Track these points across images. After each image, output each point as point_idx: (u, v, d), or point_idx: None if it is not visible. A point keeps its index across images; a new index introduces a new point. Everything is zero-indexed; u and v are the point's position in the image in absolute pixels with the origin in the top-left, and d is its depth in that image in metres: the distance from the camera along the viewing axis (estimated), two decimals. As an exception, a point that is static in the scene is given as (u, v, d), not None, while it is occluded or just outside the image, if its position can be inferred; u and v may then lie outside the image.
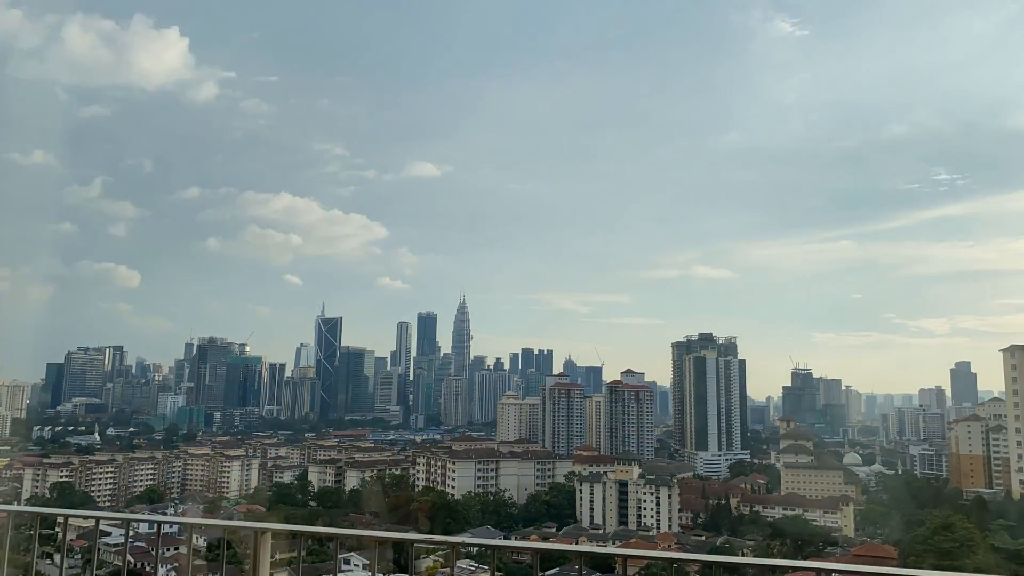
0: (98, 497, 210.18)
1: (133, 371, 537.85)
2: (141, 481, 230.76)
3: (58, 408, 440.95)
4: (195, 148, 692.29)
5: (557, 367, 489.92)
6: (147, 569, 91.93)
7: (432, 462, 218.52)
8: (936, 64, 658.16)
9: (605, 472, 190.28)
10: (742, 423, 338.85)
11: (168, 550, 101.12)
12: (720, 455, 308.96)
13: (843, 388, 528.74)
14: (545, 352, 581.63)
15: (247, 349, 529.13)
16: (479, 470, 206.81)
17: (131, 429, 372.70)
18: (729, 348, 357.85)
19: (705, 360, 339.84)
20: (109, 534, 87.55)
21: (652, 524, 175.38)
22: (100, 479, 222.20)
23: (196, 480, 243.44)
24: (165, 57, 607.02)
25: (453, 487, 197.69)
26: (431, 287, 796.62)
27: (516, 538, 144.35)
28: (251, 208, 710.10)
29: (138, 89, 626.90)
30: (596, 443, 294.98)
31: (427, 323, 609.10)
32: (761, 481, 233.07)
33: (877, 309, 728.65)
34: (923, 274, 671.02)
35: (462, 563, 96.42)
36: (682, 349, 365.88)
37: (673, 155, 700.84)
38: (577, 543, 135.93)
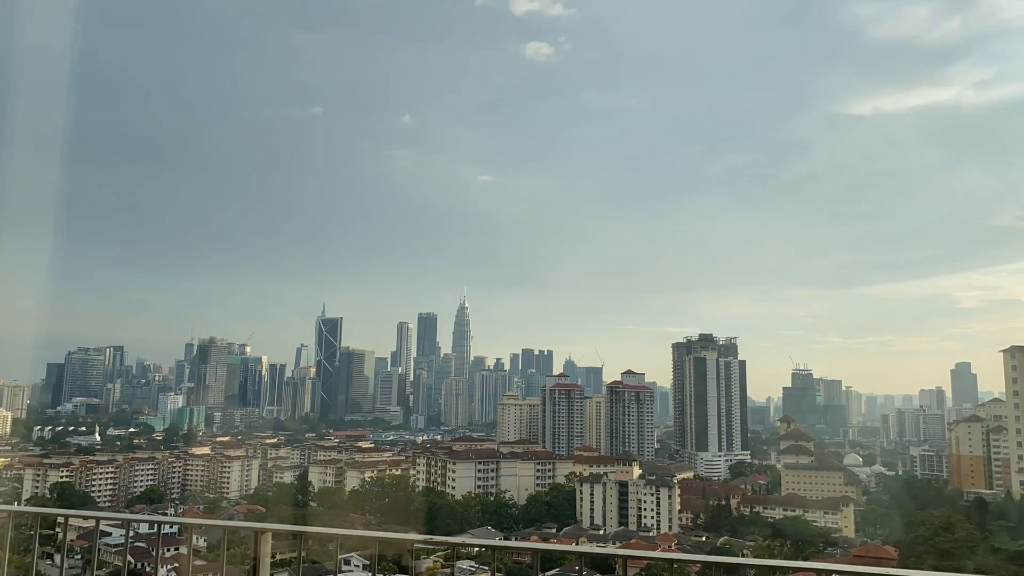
0: (98, 497, 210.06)
1: (133, 371, 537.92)
2: (141, 481, 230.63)
3: (58, 408, 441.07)
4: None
5: (557, 368, 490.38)
6: (147, 569, 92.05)
7: (432, 463, 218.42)
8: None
9: (605, 473, 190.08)
10: (742, 424, 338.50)
11: (168, 550, 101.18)
12: (720, 456, 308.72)
13: (843, 389, 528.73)
14: (545, 353, 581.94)
15: (247, 349, 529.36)
16: (479, 471, 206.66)
17: (131, 429, 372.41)
18: (729, 349, 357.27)
19: (705, 361, 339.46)
20: (109, 534, 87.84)
21: (652, 525, 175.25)
22: (100, 479, 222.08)
23: (196, 480, 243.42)
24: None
25: (453, 487, 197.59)
26: (431, 288, 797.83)
27: (516, 539, 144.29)
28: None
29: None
30: (596, 443, 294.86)
31: (427, 323, 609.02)
32: (761, 482, 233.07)
33: (878, 311, 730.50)
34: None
35: (462, 563, 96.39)
36: (682, 350, 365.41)
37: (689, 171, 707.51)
38: (577, 544, 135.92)
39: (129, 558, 67.60)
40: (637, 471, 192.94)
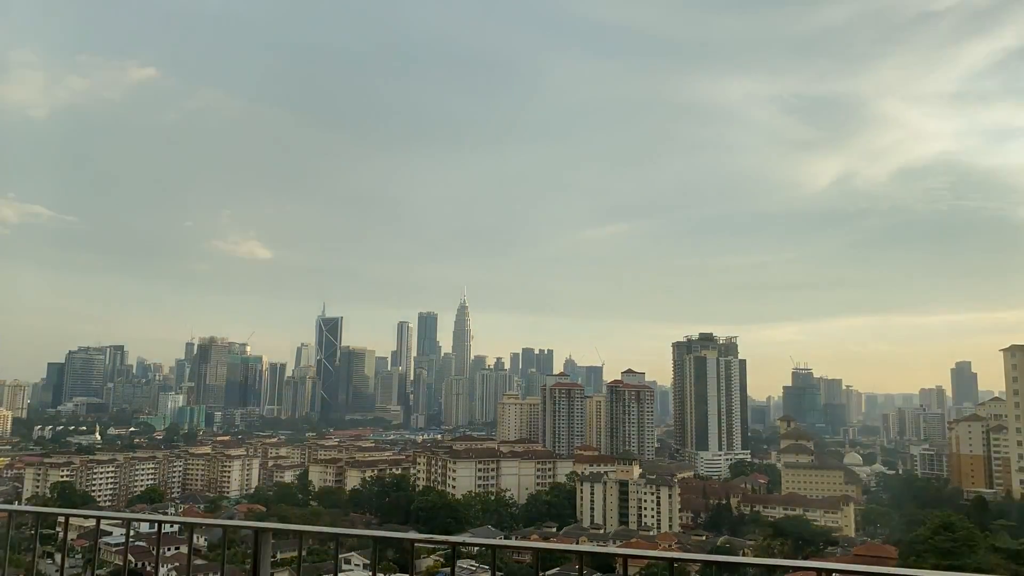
0: (99, 497, 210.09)
1: (134, 371, 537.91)
2: (142, 481, 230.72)
3: (59, 408, 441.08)
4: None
5: (557, 367, 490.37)
6: (147, 569, 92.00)
7: (433, 462, 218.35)
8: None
9: (606, 472, 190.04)
10: (743, 423, 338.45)
11: (168, 550, 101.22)
12: (721, 455, 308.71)
13: (844, 388, 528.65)
14: (545, 352, 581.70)
15: (247, 349, 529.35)
16: (480, 470, 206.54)
17: (132, 429, 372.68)
18: (729, 348, 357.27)
19: (706, 360, 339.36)
20: (110, 534, 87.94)
21: (653, 524, 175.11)
22: (101, 479, 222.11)
23: (196, 480, 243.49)
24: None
25: (454, 487, 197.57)
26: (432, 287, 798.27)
27: (516, 538, 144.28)
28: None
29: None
30: (596, 443, 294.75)
31: (427, 323, 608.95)
32: (762, 481, 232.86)
33: (877, 311, 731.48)
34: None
35: (462, 563, 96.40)
36: (683, 349, 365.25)
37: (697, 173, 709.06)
38: (577, 543, 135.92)
39: (129, 557, 67.66)
40: (637, 470, 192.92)
